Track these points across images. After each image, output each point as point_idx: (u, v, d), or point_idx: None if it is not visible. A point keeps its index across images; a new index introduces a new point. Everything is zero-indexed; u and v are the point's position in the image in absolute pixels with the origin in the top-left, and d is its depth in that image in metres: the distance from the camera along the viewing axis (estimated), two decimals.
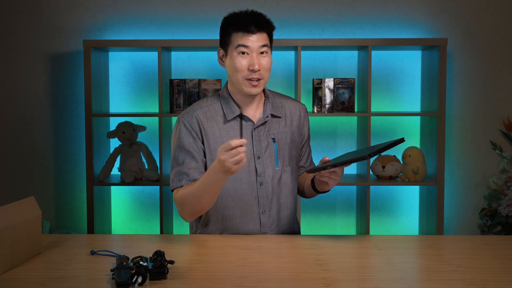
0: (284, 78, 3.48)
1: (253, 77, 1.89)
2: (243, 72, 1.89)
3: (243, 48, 1.88)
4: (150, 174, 3.29)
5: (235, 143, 1.67)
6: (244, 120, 1.97)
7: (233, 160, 1.68)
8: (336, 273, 1.54)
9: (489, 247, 1.79)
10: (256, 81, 1.89)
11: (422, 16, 3.45)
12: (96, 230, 3.26)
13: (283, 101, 2.07)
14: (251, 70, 1.88)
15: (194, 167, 1.93)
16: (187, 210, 1.90)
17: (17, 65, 3.50)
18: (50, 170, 3.54)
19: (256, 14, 1.92)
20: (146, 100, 3.51)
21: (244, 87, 1.91)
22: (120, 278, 1.39)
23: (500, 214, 3.31)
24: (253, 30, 1.88)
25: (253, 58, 1.88)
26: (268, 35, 1.93)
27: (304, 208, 3.54)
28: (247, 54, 1.89)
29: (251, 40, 1.88)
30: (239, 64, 1.89)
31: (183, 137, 1.95)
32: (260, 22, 1.90)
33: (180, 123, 1.96)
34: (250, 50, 1.88)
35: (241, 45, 1.88)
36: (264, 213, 1.98)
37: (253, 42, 1.88)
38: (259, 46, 1.88)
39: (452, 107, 3.48)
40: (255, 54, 1.88)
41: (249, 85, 1.90)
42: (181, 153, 1.94)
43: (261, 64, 1.89)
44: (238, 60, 1.89)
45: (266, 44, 1.90)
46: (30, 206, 1.69)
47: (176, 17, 3.47)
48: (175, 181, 1.94)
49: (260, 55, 1.90)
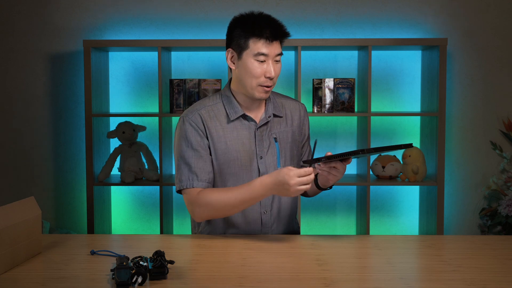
0: (284, 78, 3.48)
1: (268, 84, 1.90)
2: (259, 79, 1.90)
3: (263, 57, 1.88)
4: (150, 174, 3.29)
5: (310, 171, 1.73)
6: (247, 121, 1.98)
7: (299, 188, 1.74)
8: (336, 273, 1.54)
9: (489, 247, 1.79)
10: (269, 87, 1.91)
11: (422, 16, 3.45)
12: (96, 230, 3.26)
13: (283, 101, 2.08)
14: (268, 77, 1.89)
15: (203, 167, 1.93)
16: (208, 213, 1.89)
17: (17, 65, 3.50)
18: (50, 170, 3.54)
19: (275, 22, 1.92)
20: (146, 100, 3.51)
21: (256, 92, 1.92)
22: (120, 278, 1.39)
23: (500, 214, 3.31)
24: (272, 39, 1.88)
25: (269, 66, 1.89)
26: (281, 43, 1.94)
27: (304, 208, 3.54)
28: (264, 62, 1.89)
29: (271, 48, 1.88)
30: (255, 71, 1.89)
31: (190, 135, 1.94)
32: (281, 31, 1.91)
33: (186, 122, 1.96)
34: (267, 57, 1.89)
35: (261, 54, 1.88)
36: (265, 213, 1.98)
37: (272, 51, 1.89)
38: (275, 54, 1.90)
39: (452, 107, 3.48)
40: (271, 61, 1.90)
41: (262, 91, 1.91)
42: (188, 152, 1.94)
43: (275, 71, 1.91)
44: (255, 66, 1.89)
45: (281, 52, 1.92)
46: (30, 206, 1.69)
47: (176, 17, 3.47)
48: (184, 180, 1.93)
49: (275, 62, 1.91)
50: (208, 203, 1.87)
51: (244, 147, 1.96)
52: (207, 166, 1.94)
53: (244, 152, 1.95)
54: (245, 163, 1.95)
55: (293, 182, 1.72)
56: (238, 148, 1.95)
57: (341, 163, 1.81)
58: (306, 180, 1.73)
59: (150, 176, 3.29)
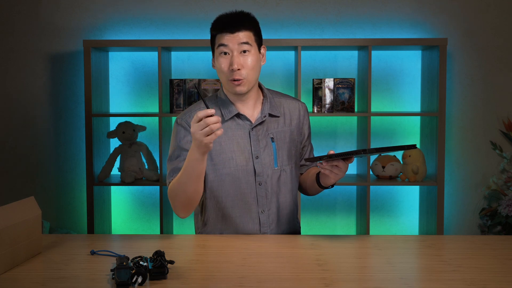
0: (284, 78, 3.48)
1: (234, 77, 1.88)
2: (226, 73, 1.90)
3: (223, 48, 1.88)
4: (150, 174, 3.29)
5: (201, 114, 1.65)
6: (241, 120, 1.98)
7: (203, 132, 1.66)
8: (336, 273, 1.53)
9: (489, 247, 1.79)
10: (238, 81, 1.89)
11: (422, 16, 3.45)
12: (96, 230, 3.26)
13: (282, 100, 2.07)
14: (231, 70, 1.88)
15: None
16: (177, 203, 1.90)
17: (17, 65, 3.50)
18: (50, 170, 3.54)
19: (237, 13, 1.91)
20: (146, 100, 3.51)
21: (229, 87, 1.92)
22: (120, 278, 1.39)
23: (500, 214, 3.31)
24: (231, 29, 1.87)
25: (233, 57, 1.88)
26: (252, 33, 1.91)
27: (304, 208, 3.54)
28: (228, 54, 1.89)
29: (229, 39, 1.87)
30: (219, 65, 1.90)
31: (181, 136, 1.95)
32: (238, 20, 1.89)
33: (178, 125, 1.97)
34: (229, 49, 1.88)
35: (220, 45, 1.88)
36: (263, 212, 1.98)
37: (231, 41, 1.87)
38: (238, 44, 1.88)
39: (452, 107, 3.48)
40: (235, 53, 1.88)
41: (233, 85, 1.90)
42: (176, 151, 1.95)
43: (241, 63, 1.88)
44: (219, 61, 1.90)
45: (247, 41, 1.89)
46: (30, 206, 1.69)
47: (176, 17, 3.47)
48: (168, 178, 1.95)
49: (242, 54, 1.89)
50: (172, 192, 1.89)
51: (239, 147, 1.95)
52: None
53: (239, 152, 1.95)
54: (241, 162, 1.95)
55: (193, 130, 1.67)
56: (233, 148, 1.95)
57: (344, 162, 1.81)
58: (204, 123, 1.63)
59: (150, 176, 3.29)
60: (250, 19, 1.92)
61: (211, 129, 1.65)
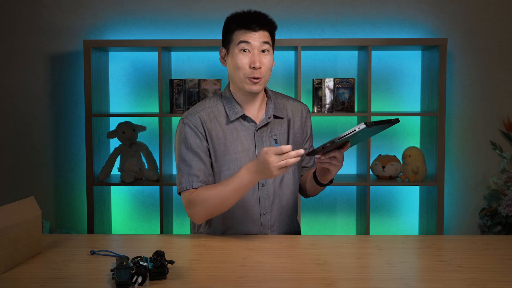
0: (284, 78, 3.48)
1: (254, 75, 1.88)
2: (245, 70, 1.88)
3: (245, 45, 1.88)
4: (150, 174, 3.29)
5: (287, 148, 1.68)
6: (246, 121, 1.97)
7: (279, 165, 1.68)
8: (336, 273, 1.53)
9: (489, 247, 1.79)
10: (257, 79, 1.89)
11: (422, 16, 3.45)
12: (96, 230, 3.26)
13: (284, 102, 2.07)
14: (253, 67, 1.87)
15: (203, 169, 1.93)
16: (204, 211, 1.88)
17: (17, 65, 3.50)
18: (50, 170, 3.54)
19: (259, 13, 1.93)
20: (146, 100, 3.51)
21: (245, 85, 1.90)
22: (120, 278, 1.39)
23: (500, 214, 3.31)
24: (254, 27, 1.88)
25: (254, 56, 1.88)
26: (270, 34, 1.93)
27: (304, 208, 3.54)
28: (249, 52, 1.88)
29: (253, 37, 1.88)
30: (240, 61, 1.88)
31: (190, 138, 1.94)
32: (262, 19, 1.90)
33: (185, 125, 1.95)
34: (251, 47, 1.88)
35: (242, 42, 1.87)
36: (265, 214, 1.98)
37: (255, 39, 1.88)
38: (260, 43, 1.88)
39: (452, 107, 3.48)
40: (256, 51, 1.88)
41: (250, 82, 1.89)
42: (188, 154, 1.93)
43: (262, 62, 1.89)
44: (239, 58, 1.88)
45: (268, 41, 1.90)
46: (30, 206, 1.69)
47: (176, 17, 3.47)
48: (184, 182, 1.92)
49: (262, 53, 1.89)
50: (202, 200, 1.87)
51: (244, 148, 1.95)
52: (207, 169, 1.94)
53: (243, 153, 1.95)
54: (244, 164, 1.93)
55: (271, 160, 1.68)
56: (237, 149, 1.95)
57: (339, 151, 1.79)
58: (284, 157, 1.68)
59: (150, 176, 3.29)
60: (271, 20, 1.94)
61: (287, 164, 1.68)
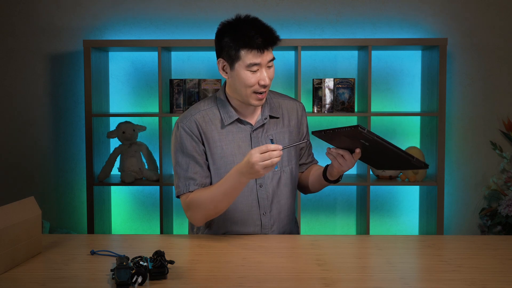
0: (284, 78, 3.48)
1: (262, 91, 1.88)
2: (254, 87, 1.88)
3: (256, 67, 1.86)
4: (150, 174, 3.29)
5: (271, 147, 1.68)
6: (242, 124, 1.97)
7: (264, 164, 1.68)
8: (336, 273, 1.54)
9: (489, 247, 1.79)
10: (263, 94, 1.89)
11: (422, 16, 3.45)
12: (96, 230, 3.26)
13: (280, 101, 2.07)
14: (262, 85, 1.87)
15: (200, 172, 1.93)
16: (201, 215, 1.89)
17: (17, 65, 3.50)
18: (50, 170, 3.54)
19: (264, 28, 1.88)
20: (146, 100, 3.51)
21: (251, 100, 1.90)
22: (120, 278, 1.39)
23: (500, 214, 3.31)
24: (263, 48, 1.86)
25: (263, 73, 1.87)
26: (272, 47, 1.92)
27: (304, 208, 3.54)
28: (258, 70, 1.87)
29: (262, 57, 1.86)
30: (249, 81, 1.86)
31: (185, 142, 1.94)
32: (271, 38, 1.88)
33: (180, 128, 1.95)
34: (260, 66, 1.87)
35: (253, 64, 1.85)
36: (265, 214, 1.98)
37: (264, 59, 1.86)
38: (268, 61, 1.88)
39: (452, 107, 3.48)
40: (264, 69, 1.88)
41: (256, 98, 1.89)
42: (184, 158, 1.93)
43: (269, 77, 1.89)
44: (248, 77, 1.86)
45: (273, 57, 1.90)
46: (30, 206, 1.69)
47: (176, 17, 3.47)
48: (181, 186, 1.93)
49: (267, 68, 1.89)
50: (198, 203, 1.88)
51: (240, 150, 1.95)
52: (203, 171, 1.94)
53: (240, 155, 1.94)
54: None
55: (254, 160, 1.68)
56: (234, 151, 1.95)
57: (350, 155, 1.80)
58: (268, 156, 1.68)
59: (150, 176, 3.29)
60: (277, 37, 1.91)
61: (272, 163, 1.68)
